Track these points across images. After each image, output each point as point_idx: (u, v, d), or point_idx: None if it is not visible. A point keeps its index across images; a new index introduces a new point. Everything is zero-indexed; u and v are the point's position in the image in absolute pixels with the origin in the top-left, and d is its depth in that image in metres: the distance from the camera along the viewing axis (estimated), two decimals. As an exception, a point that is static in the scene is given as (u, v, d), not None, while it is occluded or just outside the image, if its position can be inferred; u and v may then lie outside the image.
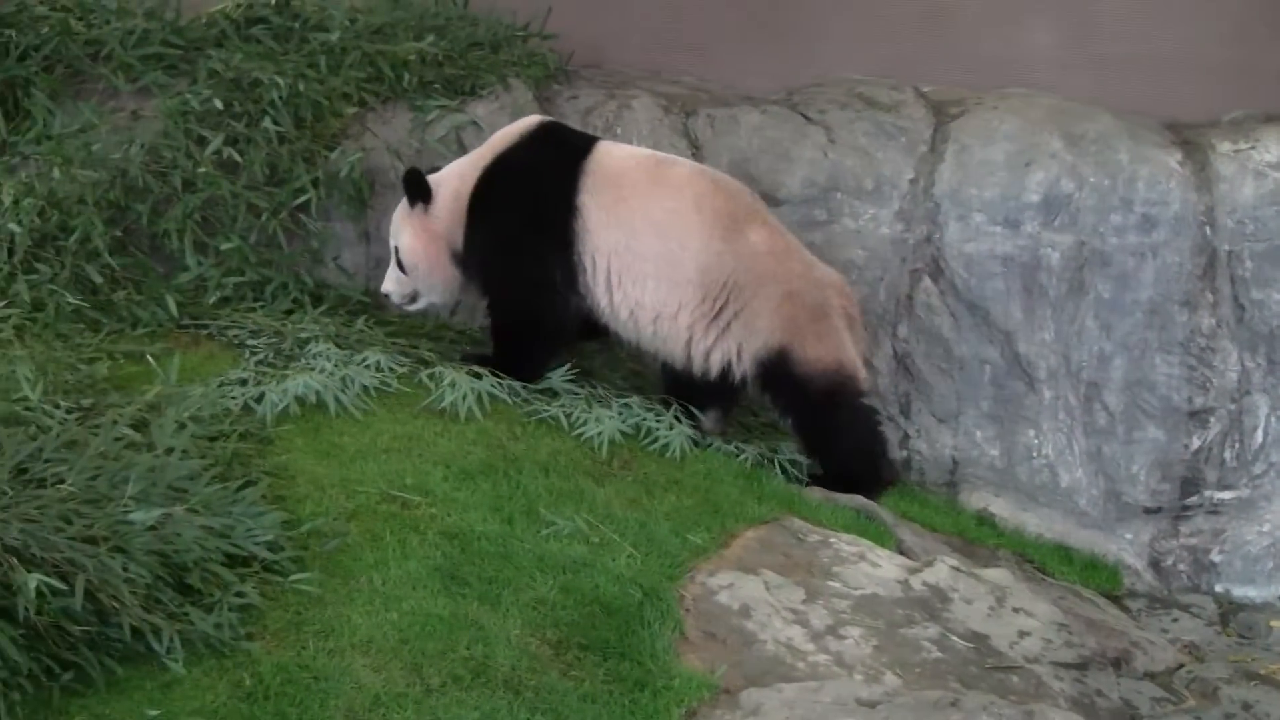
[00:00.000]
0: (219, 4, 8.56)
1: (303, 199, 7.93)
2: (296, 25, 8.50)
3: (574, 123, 8.27)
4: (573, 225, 7.41)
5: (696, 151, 8.35)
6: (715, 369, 7.45)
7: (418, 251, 7.63)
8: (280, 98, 7.97)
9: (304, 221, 7.95)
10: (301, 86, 8.03)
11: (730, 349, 7.41)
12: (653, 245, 7.37)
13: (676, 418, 7.30)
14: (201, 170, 7.82)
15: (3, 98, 8.08)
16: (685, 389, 7.55)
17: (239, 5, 8.56)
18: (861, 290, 8.10)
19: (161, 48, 8.24)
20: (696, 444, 7.30)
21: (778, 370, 7.40)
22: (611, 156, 7.56)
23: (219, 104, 7.96)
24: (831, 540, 6.81)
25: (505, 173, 7.54)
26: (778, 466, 7.48)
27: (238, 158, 7.88)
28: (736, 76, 8.85)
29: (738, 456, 7.44)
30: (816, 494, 7.32)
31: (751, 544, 6.65)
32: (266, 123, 7.95)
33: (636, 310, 7.43)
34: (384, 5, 8.73)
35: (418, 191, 7.58)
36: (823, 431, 7.50)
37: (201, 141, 7.90)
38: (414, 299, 7.75)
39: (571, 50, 8.78)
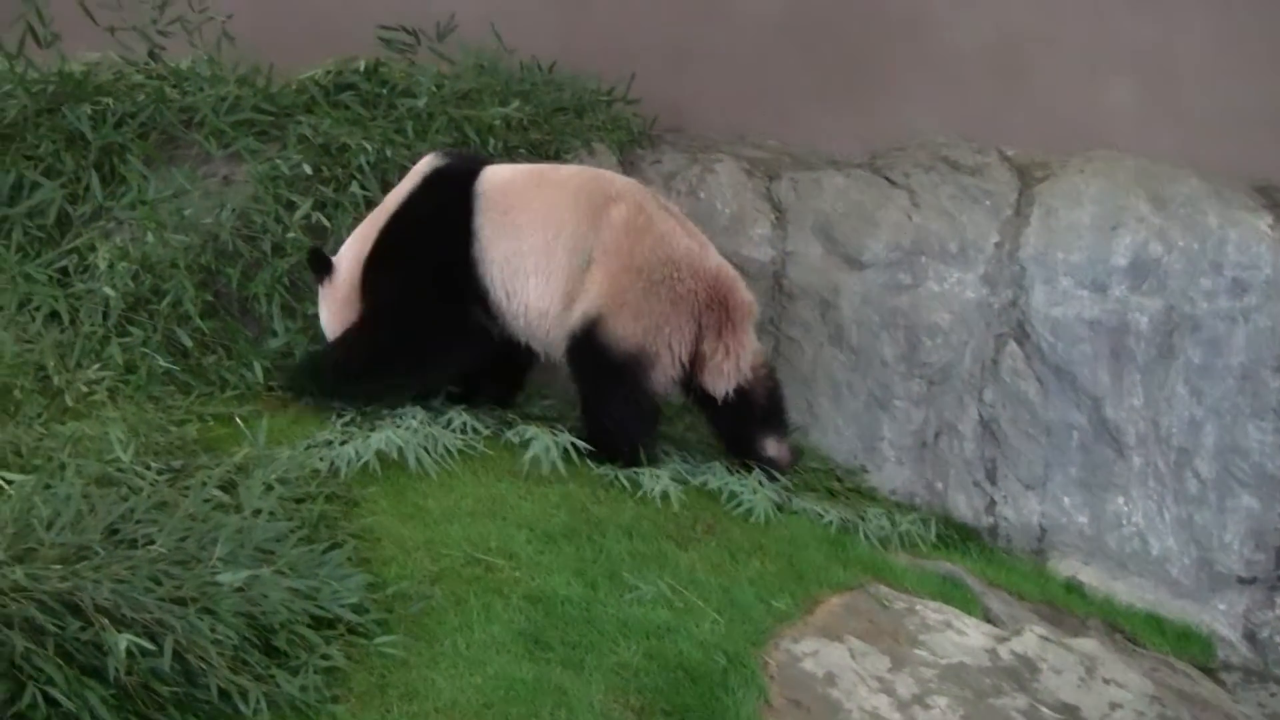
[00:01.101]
0: (309, 70, 8.65)
1: (390, 263, 7.98)
2: (384, 91, 8.58)
3: (657, 187, 8.31)
4: (472, 251, 7.45)
5: (780, 215, 8.36)
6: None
7: (328, 322, 7.67)
8: (368, 162, 8.03)
9: (389, 285, 7.99)
10: (389, 151, 8.10)
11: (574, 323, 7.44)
12: (533, 241, 7.41)
13: (760, 482, 7.28)
14: (290, 235, 7.89)
15: (99, 164, 8.14)
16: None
17: (329, 72, 8.64)
18: (946, 354, 8.07)
19: (253, 114, 8.31)
20: (780, 508, 7.27)
21: (585, 337, 7.36)
22: (499, 174, 7.61)
23: (308, 169, 8.04)
24: (917, 607, 6.76)
25: (401, 227, 7.57)
26: (862, 532, 7.43)
27: (326, 222, 7.95)
28: (820, 140, 8.87)
29: (822, 520, 7.39)
30: (903, 560, 7.26)
31: (836, 610, 6.62)
32: (354, 187, 8.02)
33: (527, 313, 7.46)
34: (470, 71, 8.82)
35: (318, 266, 7.64)
36: (599, 398, 7.42)
37: (291, 206, 7.98)
38: None
39: (655, 114, 8.85)
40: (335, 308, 7.64)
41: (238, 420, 7.16)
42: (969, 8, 8.82)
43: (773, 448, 7.59)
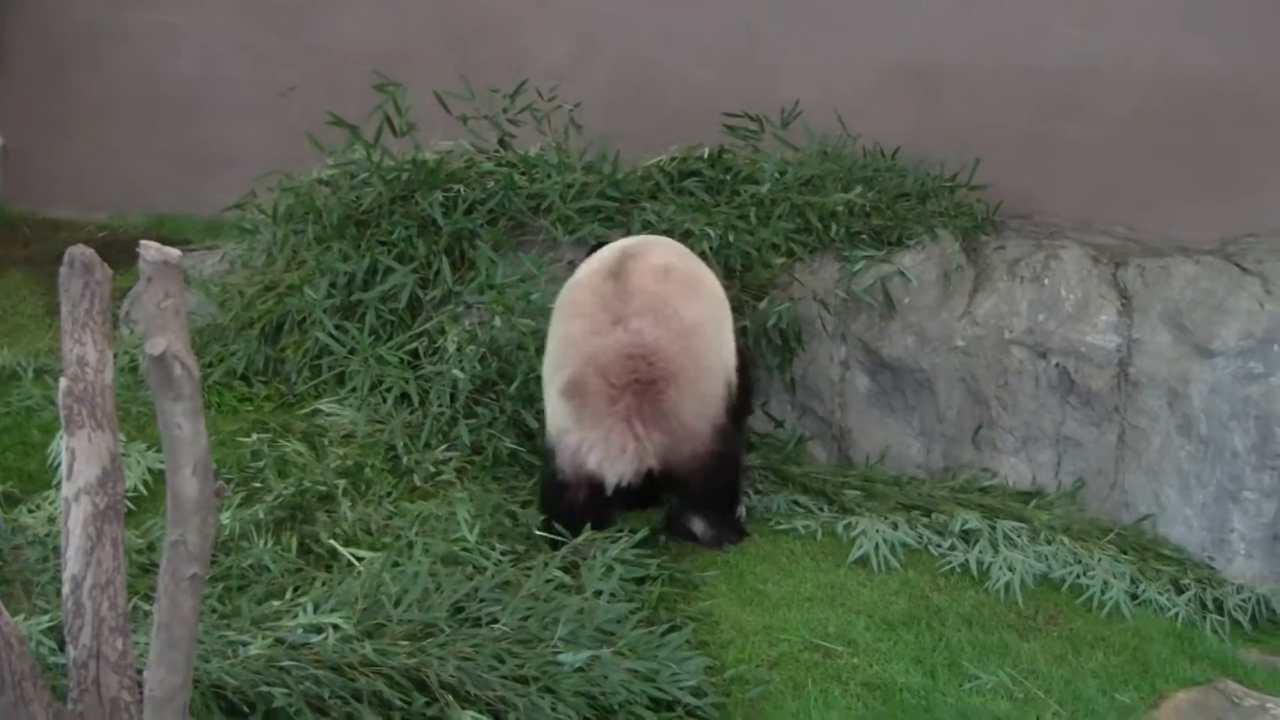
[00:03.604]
0: (654, 158, 8.80)
1: (731, 347, 8.06)
2: (728, 178, 8.68)
3: (1000, 273, 8.23)
4: None
5: (1127, 302, 8.19)
6: None
7: None
8: (711, 248, 8.10)
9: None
10: (732, 237, 8.17)
11: None
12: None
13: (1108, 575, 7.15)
14: (635, 319, 8.02)
15: (450, 249, 8.41)
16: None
17: (673, 159, 8.79)
18: (1301, 447, 7.82)
19: (599, 200, 8.48)
20: (1135, 597, 7.10)
21: None
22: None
23: (650, 254, 8.16)
24: (1269, 705, 6.54)
25: None
26: (1210, 626, 7.20)
27: (669, 306, 8.06)
28: (1169, 227, 8.67)
29: (1168, 613, 7.19)
30: (1253, 656, 7.02)
31: (1183, 706, 6.44)
32: (697, 272, 8.12)
33: None
34: (814, 157, 8.86)
35: None
36: None
37: (634, 291, 8.11)
38: None
39: (1000, 200, 8.75)
40: None
41: (580, 501, 7.33)
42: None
43: (699, 526, 7.17)
